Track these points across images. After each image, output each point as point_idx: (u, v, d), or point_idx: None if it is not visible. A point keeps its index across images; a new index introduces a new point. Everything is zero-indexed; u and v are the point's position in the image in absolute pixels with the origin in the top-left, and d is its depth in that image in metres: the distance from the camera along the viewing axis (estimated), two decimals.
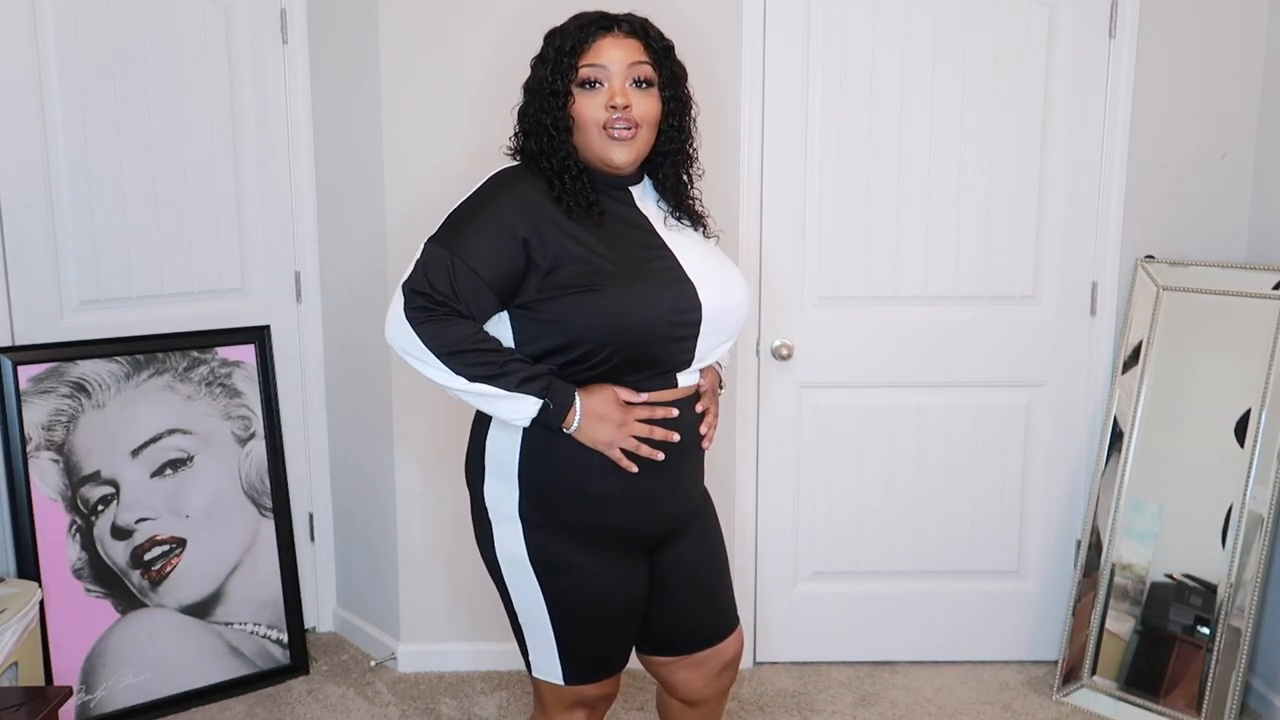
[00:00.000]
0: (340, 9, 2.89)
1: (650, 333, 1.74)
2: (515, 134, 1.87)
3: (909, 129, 2.81)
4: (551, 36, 1.81)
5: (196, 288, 2.93)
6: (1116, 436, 2.86)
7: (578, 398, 1.74)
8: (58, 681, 2.62)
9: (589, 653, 1.90)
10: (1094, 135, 2.81)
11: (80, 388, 2.70)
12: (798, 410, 2.93)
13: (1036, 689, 2.94)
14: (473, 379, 1.72)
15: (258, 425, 2.96)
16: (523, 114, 1.84)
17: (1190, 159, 2.84)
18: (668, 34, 1.88)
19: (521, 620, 1.91)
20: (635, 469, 1.77)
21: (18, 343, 2.65)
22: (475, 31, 2.75)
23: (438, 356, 1.73)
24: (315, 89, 3.00)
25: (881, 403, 2.94)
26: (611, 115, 1.75)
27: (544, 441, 1.79)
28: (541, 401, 1.72)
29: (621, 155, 1.78)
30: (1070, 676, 2.88)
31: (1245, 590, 2.64)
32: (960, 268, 2.87)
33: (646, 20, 1.83)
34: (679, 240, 1.85)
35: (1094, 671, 2.85)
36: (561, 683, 1.91)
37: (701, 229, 1.93)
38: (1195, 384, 2.77)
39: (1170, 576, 2.76)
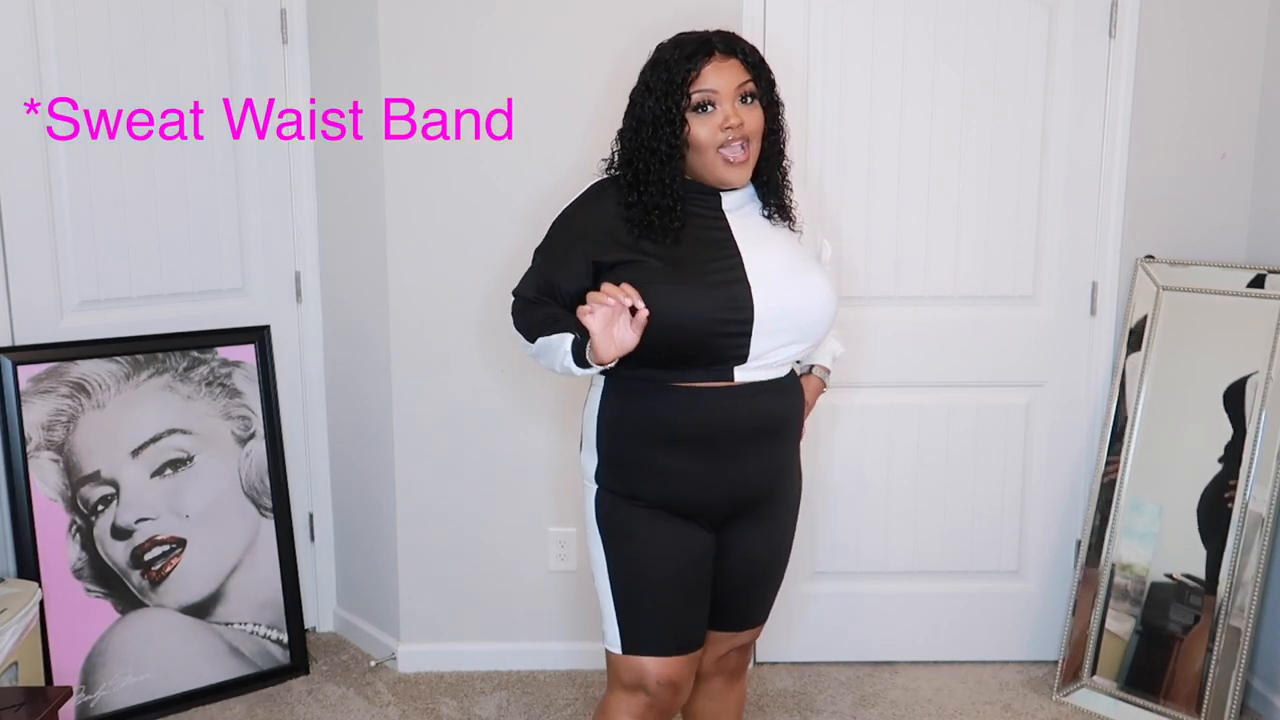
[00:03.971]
0: (340, 9, 2.89)
1: (694, 330, 1.82)
2: (613, 153, 1.97)
3: (909, 129, 2.81)
4: (656, 68, 1.88)
5: (196, 288, 2.93)
6: (1116, 436, 2.86)
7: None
8: (58, 681, 2.62)
9: (643, 621, 1.94)
10: (1094, 135, 2.81)
11: (80, 388, 2.70)
12: None
13: (1036, 689, 2.94)
14: (531, 338, 1.92)
15: (258, 425, 2.96)
16: (627, 141, 1.91)
17: (1190, 159, 2.84)
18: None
19: (596, 587, 2.01)
20: (593, 317, 1.74)
21: (18, 343, 2.65)
22: (475, 30, 2.75)
23: (520, 332, 1.96)
24: (315, 89, 3.00)
25: (882, 402, 2.94)
26: (727, 136, 1.85)
27: (617, 418, 1.94)
28: (572, 336, 1.84)
29: (739, 176, 1.90)
30: (1070, 676, 2.88)
31: (1245, 590, 2.64)
32: (960, 268, 2.87)
33: (737, 36, 1.92)
34: (758, 242, 1.92)
35: (1094, 671, 2.85)
36: (619, 651, 1.96)
37: (788, 224, 1.98)
38: (1195, 384, 2.77)
39: (1170, 576, 2.76)
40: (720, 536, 1.99)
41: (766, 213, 1.97)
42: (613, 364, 1.79)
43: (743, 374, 1.89)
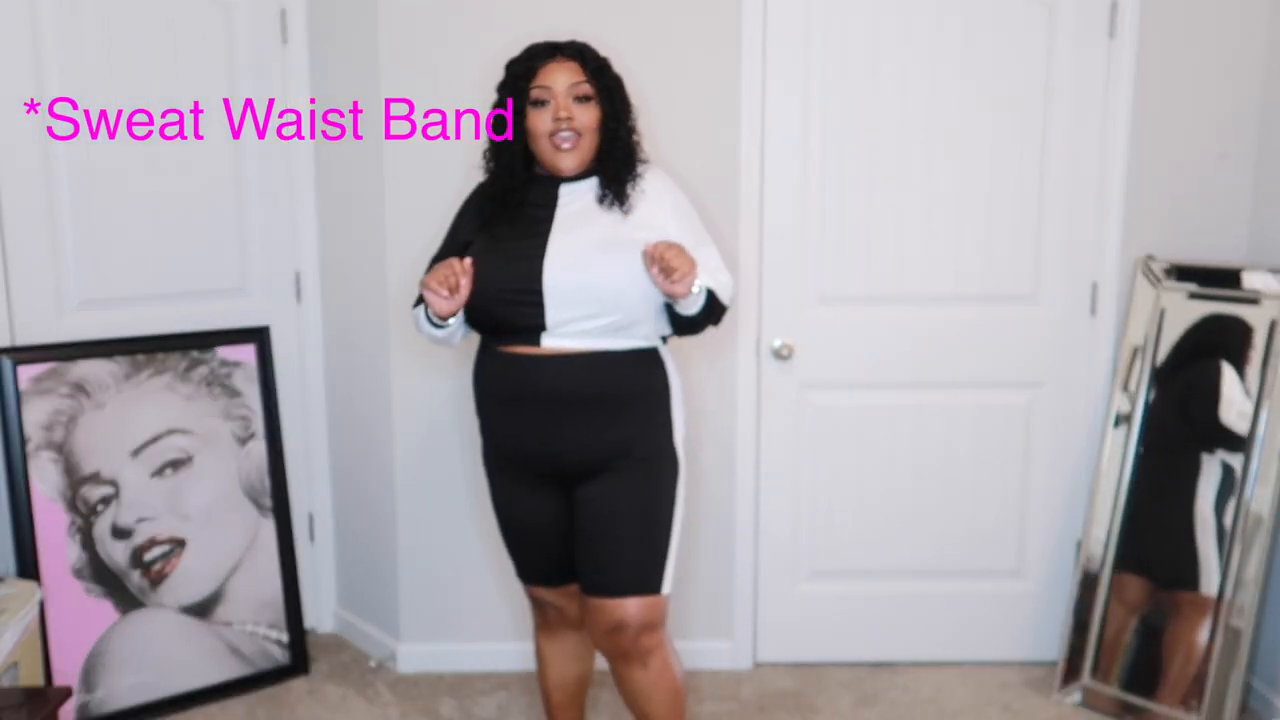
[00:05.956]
0: (340, 9, 2.89)
1: (486, 297, 2.08)
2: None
3: (909, 129, 2.81)
4: (510, 65, 2.17)
5: (196, 288, 2.93)
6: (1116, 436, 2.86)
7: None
8: (58, 681, 2.62)
9: (511, 553, 2.32)
10: (1094, 135, 2.81)
11: (80, 388, 2.70)
12: (798, 410, 2.93)
13: (1036, 689, 2.94)
14: (414, 316, 2.23)
15: (258, 425, 2.96)
16: (491, 128, 2.21)
17: (1190, 159, 2.84)
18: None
19: None
20: (441, 292, 2.05)
21: (18, 343, 2.65)
22: (475, 30, 2.75)
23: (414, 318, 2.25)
24: (315, 89, 3.00)
25: (882, 403, 2.94)
26: (558, 126, 2.11)
27: (474, 378, 2.22)
28: (420, 305, 2.18)
29: (568, 162, 2.14)
30: (1070, 676, 2.88)
31: (1245, 590, 2.64)
32: (961, 267, 2.87)
33: (584, 45, 2.18)
34: (574, 226, 2.11)
35: (1094, 671, 2.85)
36: None
37: (624, 211, 2.13)
38: (1194, 383, 2.77)
39: None
40: (571, 499, 2.17)
41: (603, 199, 2.15)
42: (453, 316, 2.09)
43: (550, 341, 2.08)
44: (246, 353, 2.95)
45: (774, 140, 2.81)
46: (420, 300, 2.18)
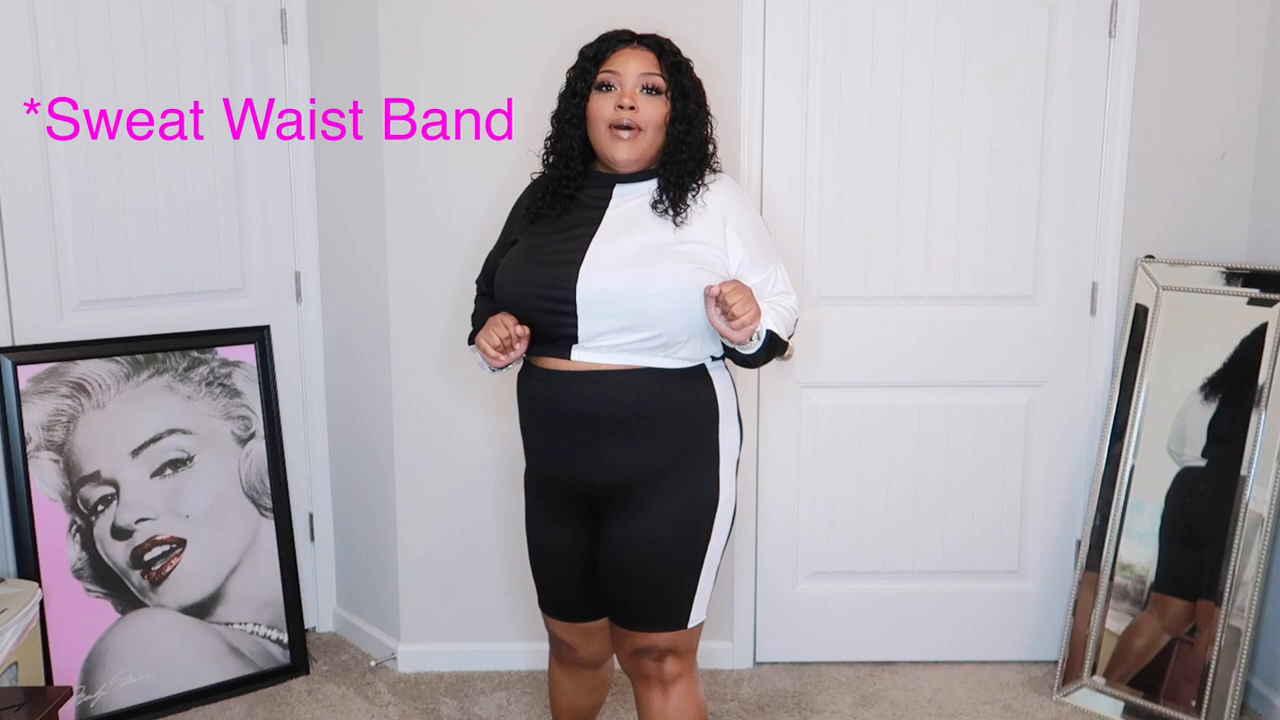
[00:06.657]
0: (340, 9, 2.89)
1: (519, 302, 1.99)
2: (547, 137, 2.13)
3: (909, 129, 2.81)
4: (583, 49, 2.06)
5: (196, 288, 2.93)
6: (1116, 436, 2.86)
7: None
8: (58, 681, 2.62)
9: (534, 579, 2.20)
10: (1094, 135, 2.81)
11: (80, 388, 2.70)
12: (798, 410, 2.93)
13: (1036, 689, 2.94)
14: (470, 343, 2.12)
15: (258, 425, 2.96)
16: (552, 120, 2.10)
17: (1190, 159, 2.84)
18: (669, 33, 2.04)
19: None
20: (499, 357, 1.98)
21: (18, 343, 2.65)
22: (475, 31, 2.75)
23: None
24: (315, 89, 3.00)
25: (882, 403, 2.94)
26: (619, 115, 1.98)
27: (517, 400, 2.12)
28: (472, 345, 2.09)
29: (623, 153, 2.00)
30: (1070, 676, 2.88)
31: (1245, 590, 2.64)
32: (960, 268, 2.88)
33: (666, 39, 2.06)
34: (621, 231, 1.98)
35: (1094, 671, 2.85)
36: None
37: (676, 223, 1.98)
38: (1195, 384, 2.77)
39: None
40: (602, 526, 2.05)
41: (656, 205, 1.99)
42: (512, 363, 2.00)
43: (581, 354, 1.96)
44: (246, 353, 2.95)
45: (774, 140, 2.81)
46: (470, 339, 2.11)
